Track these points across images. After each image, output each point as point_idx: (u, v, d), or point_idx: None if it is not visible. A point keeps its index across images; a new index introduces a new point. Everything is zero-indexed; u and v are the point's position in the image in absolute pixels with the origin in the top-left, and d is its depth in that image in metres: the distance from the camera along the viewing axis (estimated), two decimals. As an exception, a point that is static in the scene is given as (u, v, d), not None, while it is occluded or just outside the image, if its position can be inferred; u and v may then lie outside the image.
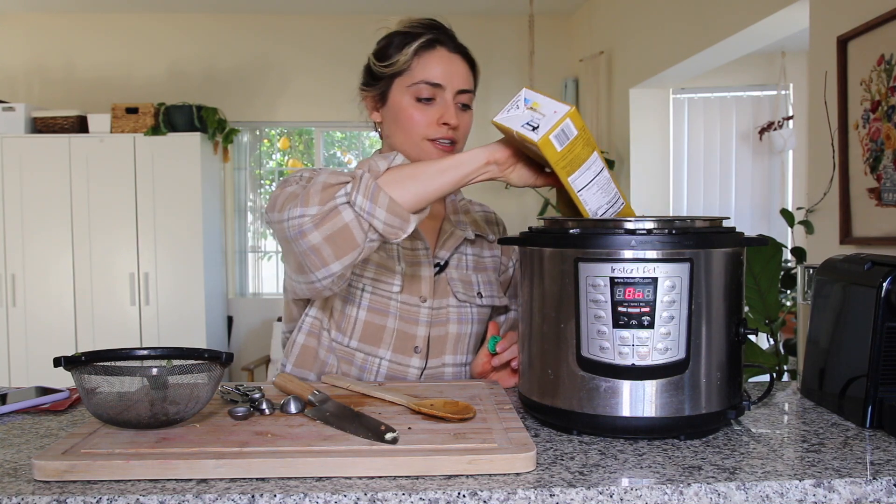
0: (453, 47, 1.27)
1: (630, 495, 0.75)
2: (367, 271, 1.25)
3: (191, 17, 5.37)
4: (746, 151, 5.24)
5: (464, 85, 1.26)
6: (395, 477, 0.78)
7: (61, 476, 0.77)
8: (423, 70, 1.23)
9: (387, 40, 1.28)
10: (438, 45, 1.25)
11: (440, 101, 1.24)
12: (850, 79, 2.44)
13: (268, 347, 5.31)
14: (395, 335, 1.26)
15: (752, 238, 0.99)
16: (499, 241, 1.09)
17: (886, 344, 0.96)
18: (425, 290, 1.28)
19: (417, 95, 1.24)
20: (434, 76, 1.23)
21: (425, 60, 1.24)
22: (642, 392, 0.90)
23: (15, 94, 5.25)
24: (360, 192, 1.01)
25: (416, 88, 1.23)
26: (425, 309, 1.27)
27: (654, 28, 4.14)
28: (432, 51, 1.25)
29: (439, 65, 1.24)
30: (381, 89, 1.28)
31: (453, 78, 1.24)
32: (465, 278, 1.33)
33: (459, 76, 1.25)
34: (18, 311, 4.89)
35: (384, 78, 1.27)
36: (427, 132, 1.24)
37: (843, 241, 2.47)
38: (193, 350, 0.95)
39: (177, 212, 4.92)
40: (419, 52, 1.24)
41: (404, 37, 1.26)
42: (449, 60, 1.25)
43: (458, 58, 1.27)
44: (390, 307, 1.25)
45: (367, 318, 1.25)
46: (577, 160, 1.02)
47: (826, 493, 0.77)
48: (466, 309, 1.32)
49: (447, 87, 1.24)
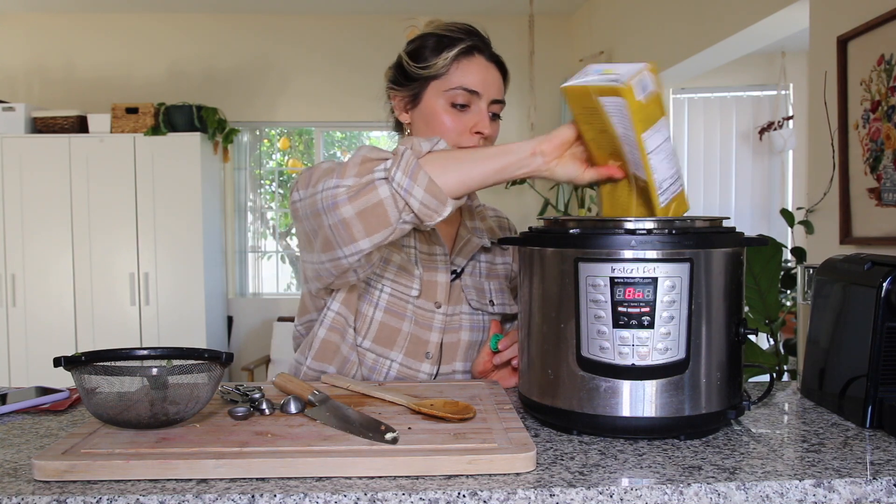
0: (490, 56, 1.26)
1: (630, 495, 0.75)
2: (388, 272, 1.24)
3: (191, 17, 5.37)
4: (746, 151, 5.25)
5: (498, 95, 1.25)
6: (395, 477, 0.78)
7: (61, 476, 0.77)
8: (461, 76, 1.22)
9: (420, 41, 1.26)
10: (477, 53, 1.24)
11: (475, 108, 1.23)
12: (850, 79, 2.44)
13: (268, 347, 5.31)
14: (409, 339, 1.25)
15: (752, 238, 0.99)
16: (499, 241, 1.09)
17: (886, 344, 0.96)
18: (441, 296, 1.27)
19: (453, 101, 1.22)
20: (472, 83, 1.22)
21: (464, 66, 1.23)
22: (642, 392, 0.90)
23: (15, 94, 5.25)
24: (401, 168, 0.99)
25: (453, 94, 1.22)
26: (440, 315, 1.27)
27: (654, 28, 4.13)
28: (471, 57, 1.24)
29: (478, 72, 1.23)
30: (415, 91, 1.26)
31: (489, 87, 1.23)
32: (478, 286, 1.32)
33: (495, 85, 1.25)
34: (18, 311, 4.89)
35: (419, 80, 1.25)
36: (459, 139, 1.22)
37: (843, 241, 2.47)
38: (193, 350, 0.95)
39: (177, 212, 4.92)
40: (459, 57, 1.23)
41: (441, 40, 1.24)
42: (486, 69, 1.24)
43: (494, 67, 1.26)
44: (407, 310, 1.25)
45: (383, 320, 1.24)
46: (651, 117, 0.96)
47: (826, 493, 0.77)
48: (479, 317, 1.31)
49: (483, 96, 1.23)
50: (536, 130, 5.13)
